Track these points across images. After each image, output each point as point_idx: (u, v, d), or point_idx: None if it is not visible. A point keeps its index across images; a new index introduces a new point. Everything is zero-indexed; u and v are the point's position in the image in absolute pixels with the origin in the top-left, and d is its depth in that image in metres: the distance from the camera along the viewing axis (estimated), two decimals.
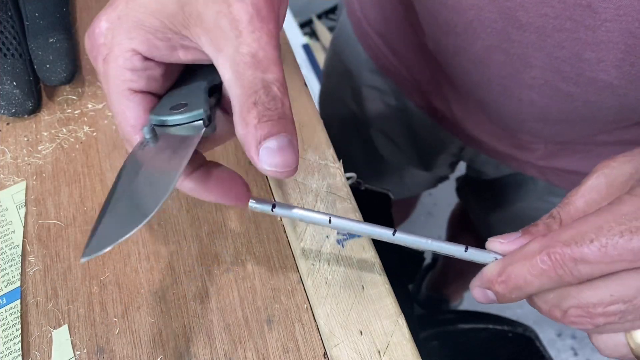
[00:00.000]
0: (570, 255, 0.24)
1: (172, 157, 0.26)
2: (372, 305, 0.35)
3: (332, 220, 0.30)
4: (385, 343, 0.34)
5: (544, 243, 0.25)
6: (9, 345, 0.35)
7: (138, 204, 0.26)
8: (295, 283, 0.37)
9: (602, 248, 0.23)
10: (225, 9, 0.25)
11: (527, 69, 0.38)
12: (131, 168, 0.27)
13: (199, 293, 0.37)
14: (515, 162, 0.54)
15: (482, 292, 0.28)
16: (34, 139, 0.43)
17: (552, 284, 0.25)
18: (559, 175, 0.52)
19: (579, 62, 0.35)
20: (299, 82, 0.45)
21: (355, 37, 0.60)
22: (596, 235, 0.23)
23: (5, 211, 0.40)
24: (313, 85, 1.42)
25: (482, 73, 0.42)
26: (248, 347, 0.35)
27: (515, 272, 0.26)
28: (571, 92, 0.38)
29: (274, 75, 0.26)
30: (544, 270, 0.25)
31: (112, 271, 0.38)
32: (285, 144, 0.25)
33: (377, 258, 0.37)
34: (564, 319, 0.25)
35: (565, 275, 0.24)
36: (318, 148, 0.41)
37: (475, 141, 0.55)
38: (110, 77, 0.28)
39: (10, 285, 0.37)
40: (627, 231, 0.23)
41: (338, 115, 0.73)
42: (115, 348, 0.35)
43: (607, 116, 0.40)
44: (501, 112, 0.46)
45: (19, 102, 0.42)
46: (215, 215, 0.40)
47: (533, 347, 0.84)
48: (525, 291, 0.26)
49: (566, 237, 0.24)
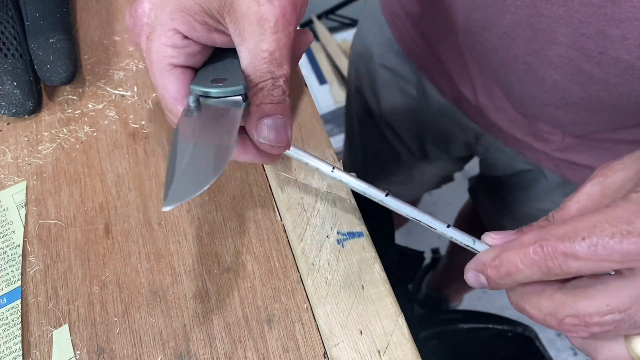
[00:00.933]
0: (562, 249, 0.25)
1: (222, 127, 0.30)
2: (372, 305, 0.35)
3: (335, 170, 0.34)
4: (385, 343, 0.34)
5: (539, 235, 0.26)
6: (10, 345, 0.35)
7: (200, 169, 0.29)
8: (295, 283, 0.37)
9: (593, 247, 0.24)
10: (256, 7, 0.29)
11: (553, 45, 0.39)
12: (185, 134, 0.30)
13: (199, 293, 0.37)
14: (532, 152, 0.54)
15: (475, 276, 0.29)
16: (34, 139, 0.43)
17: (541, 275, 0.26)
18: (573, 170, 0.52)
19: (603, 40, 0.36)
20: (299, 82, 0.45)
21: (382, 17, 0.62)
22: (588, 234, 0.24)
23: (5, 211, 0.40)
24: (313, 85, 1.42)
25: (508, 49, 0.43)
26: (248, 346, 0.35)
27: (508, 258, 0.27)
28: (593, 73, 0.39)
29: (283, 71, 0.30)
30: (535, 261, 0.25)
31: (112, 271, 0.38)
32: (281, 124, 0.30)
33: (377, 258, 0.37)
34: (560, 326, 0.26)
35: (555, 268, 0.25)
36: (318, 148, 0.41)
37: (494, 127, 0.55)
38: (153, 53, 0.31)
39: (10, 285, 0.37)
40: (618, 233, 0.24)
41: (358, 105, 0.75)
42: (116, 348, 0.35)
43: (627, 106, 0.40)
44: (524, 95, 0.47)
45: (20, 102, 0.42)
46: (216, 215, 0.40)
47: (533, 346, 0.85)
48: (515, 278, 0.27)
49: (560, 232, 0.25)
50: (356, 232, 0.38)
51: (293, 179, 0.40)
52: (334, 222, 0.38)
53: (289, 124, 0.31)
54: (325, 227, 0.38)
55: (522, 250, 0.26)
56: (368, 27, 0.68)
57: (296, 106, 0.44)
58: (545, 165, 0.55)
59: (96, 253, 0.38)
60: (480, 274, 0.29)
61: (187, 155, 0.29)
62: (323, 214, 0.38)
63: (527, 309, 0.28)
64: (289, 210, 0.39)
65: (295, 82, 0.45)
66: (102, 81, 0.46)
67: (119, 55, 0.48)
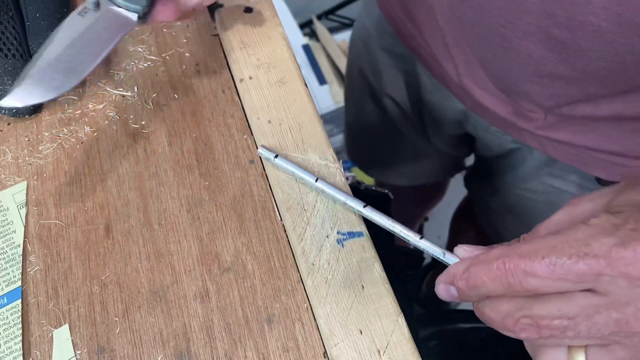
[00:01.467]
0: (522, 267, 0.26)
1: (107, 33, 0.35)
2: (371, 305, 0.35)
3: (319, 181, 0.38)
4: (385, 342, 0.34)
5: (504, 252, 0.27)
6: (10, 344, 0.35)
7: (65, 69, 0.33)
8: (295, 283, 0.37)
9: (551, 265, 0.25)
10: None
11: (524, 14, 0.40)
12: (66, 31, 0.34)
13: (200, 292, 0.37)
14: (517, 131, 0.56)
15: (446, 288, 0.30)
16: (34, 139, 0.43)
17: (502, 290, 0.27)
18: (556, 148, 0.54)
19: (571, 5, 0.37)
20: (299, 82, 0.45)
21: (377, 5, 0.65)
22: (548, 253, 0.26)
23: (6, 211, 0.40)
24: (313, 85, 1.42)
25: (483, 23, 0.44)
26: (248, 346, 0.35)
27: (475, 271, 0.28)
28: (564, 38, 0.40)
29: None
30: (497, 276, 0.27)
31: (112, 271, 0.38)
32: None
33: (377, 258, 0.37)
34: (515, 326, 0.27)
35: (515, 285, 0.26)
36: (318, 148, 0.42)
37: (479, 107, 0.57)
38: None
39: (11, 285, 0.37)
40: (575, 255, 0.25)
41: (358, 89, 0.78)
42: (116, 347, 0.35)
43: (599, 72, 0.41)
44: (501, 69, 0.48)
45: None
46: (216, 215, 0.40)
47: None
48: (481, 292, 0.28)
49: (523, 250, 0.27)
50: (356, 232, 0.38)
51: (293, 179, 0.40)
52: (334, 222, 0.38)
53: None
54: (325, 227, 0.38)
55: (487, 265, 0.28)
56: (367, 10, 0.71)
57: None
58: (529, 144, 0.56)
59: (96, 253, 0.38)
60: (451, 286, 0.30)
61: (57, 52, 0.32)
62: (323, 214, 0.39)
63: (487, 312, 0.29)
64: (289, 210, 0.39)
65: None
66: (103, 81, 0.46)
67: (119, 55, 0.48)
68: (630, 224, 0.25)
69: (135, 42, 0.48)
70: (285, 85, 0.45)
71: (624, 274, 0.25)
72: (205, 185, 0.41)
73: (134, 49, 0.48)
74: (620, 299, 0.25)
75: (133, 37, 0.49)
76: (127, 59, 0.47)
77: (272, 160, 0.40)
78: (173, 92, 0.46)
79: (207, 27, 0.49)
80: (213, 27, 0.49)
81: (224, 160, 0.42)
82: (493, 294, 0.28)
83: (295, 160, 0.41)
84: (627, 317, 0.25)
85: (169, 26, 0.49)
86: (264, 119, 0.43)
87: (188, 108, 0.45)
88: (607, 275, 0.25)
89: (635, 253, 0.24)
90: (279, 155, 0.40)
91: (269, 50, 0.46)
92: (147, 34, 0.49)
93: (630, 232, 0.25)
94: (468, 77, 0.54)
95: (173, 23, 0.49)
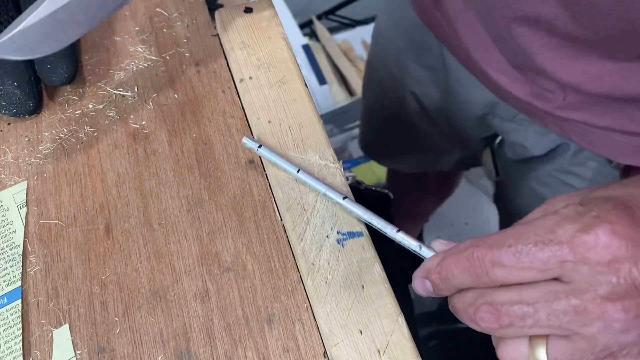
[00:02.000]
0: (490, 257, 0.26)
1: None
2: (371, 305, 0.35)
3: (300, 172, 0.38)
4: (385, 342, 0.34)
5: (474, 242, 0.27)
6: (10, 344, 0.35)
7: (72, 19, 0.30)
8: (295, 282, 0.37)
9: (517, 253, 0.25)
10: None
11: None
12: None
13: (200, 292, 0.37)
14: (537, 113, 0.55)
15: (422, 282, 0.30)
16: (35, 139, 0.43)
17: (471, 281, 0.27)
18: (578, 133, 0.53)
19: None
20: (299, 82, 0.45)
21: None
22: (514, 242, 0.26)
23: (6, 211, 0.40)
24: (313, 85, 1.42)
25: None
26: (248, 346, 0.35)
27: (447, 263, 0.28)
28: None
29: None
30: (466, 267, 0.27)
31: (112, 270, 0.38)
32: None
33: (377, 258, 0.37)
34: (476, 314, 0.27)
35: (482, 275, 0.26)
36: (318, 148, 0.42)
37: (501, 90, 0.56)
38: None
39: (11, 285, 0.37)
40: (541, 242, 0.25)
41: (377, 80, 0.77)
42: (116, 347, 0.35)
43: (612, 31, 0.40)
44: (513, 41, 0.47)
45: (20, 102, 0.42)
46: (216, 215, 0.40)
47: None
48: (452, 284, 0.28)
49: (491, 240, 0.27)
50: (356, 232, 0.38)
51: (293, 179, 0.40)
52: (334, 222, 0.38)
53: None
54: (325, 227, 0.38)
55: (457, 255, 0.27)
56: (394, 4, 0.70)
57: None
58: (552, 129, 0.55)
59: (96, 253, 0.38)
60: (426, 280, 0.30)
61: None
62: (323, 214, 0.39)
63: (454, 303, 0.29)
64: (289, 210, 0.39)
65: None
66: (103, 81, 0.46)
67: (120, 55, 0.48)
68: (594, 211, 0.25)
69: (135, 42, 0.48)
70: (285, 85, 0.45)
71: (586, 259, 0.24)
72: (205, 185, 0.41)
73: (134, 49, 0.48)
74: (580, 286, 0.25)
75: (133, 37, 0.49)
76: (127, 59, 0.47)
77: (256, 150, 0.40)
78: (173, 92, 0.46)
79: (207, 27, 0.49)
80: (213, 27, 0.49)
81: (224, 160, 0.42)
82: (463, 286, 0.28)
83: (294, 159, 0.41)
84: (585, 304, 0.25)
85: (169, 26, 0.49)
86: (264, 119, 0.43)
87: (188, 108, 0.45)
88: (570, 262, 0.25)
89: (597, 237, 0.24)
90: (262, 145, 0.40)
91: (269, 51, 0.46)
92: (147, 34, 0.49)
93: (593, 218, 0.25)
94: (482, 60, 0.54)
95: (173, 23, 0.49)
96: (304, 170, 0.39)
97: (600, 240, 0.24)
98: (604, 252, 0.24)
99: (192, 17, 0.50)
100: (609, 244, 0.24)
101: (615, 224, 0.24)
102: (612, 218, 0.25)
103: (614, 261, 0.24)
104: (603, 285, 0.24)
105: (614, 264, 0.24)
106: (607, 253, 0.24)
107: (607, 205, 0.25)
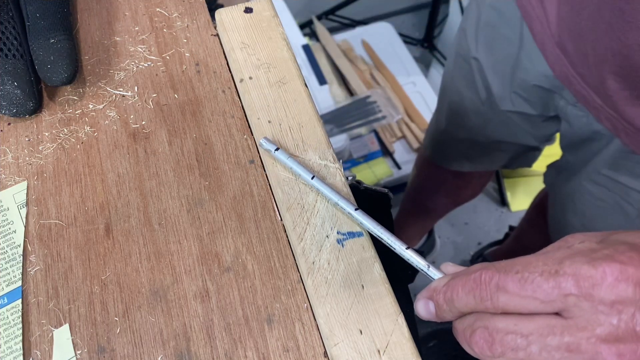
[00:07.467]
0: (496, 280, 0.26)
1: None
2: (371, 305, 0.35)
3: (315, 179, 0.38)
4: (385, 342, 0.34)
5: (484, 265, 0.27)
6: (10, 344, 0.35)
7: None
8: (295, 282, 0.37)
9: (522, 280, 0.25)
10: None
11: None
12: None
13: (200, 292, 0.37)
14: (591, 105, 0.54)
15: (425, 304, 0.30)
16: (35, 139, 0.43)
17: (474, 304, 0.27)
18: (629, 133, 0.52)
19: None
20: (299, 82, 0.45)
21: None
22: (522, 269, 0.25)
23: (6, 211, 0.40)
24: (313, 85, 1.42)
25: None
26: (248, 346, 0.35)
27: (454, 284, 0.28)
28: None
29: None
30: (472, 288, 0.27)
31: (113, 270, 0.38)
32: None
33: (377, 258, 0.37)
34: (471, 338, 0.27)
35: (486, 299, 0.26)
36: (318, 148, 0.42)
37: (567, 80, 0.56)
38: None
39: (11, 285, 0.37)
40: (547, 272, 0.25)
41: (460, 77, 0.76)
42: (116, 347, 0.35)
43: None
44: (594, 40, 0.47)
45: (20, 103, 0.42)
46: (216, 215, 0.40)
47: None
48: (456, 305, 0.28)
49: (501, 264, 0.26)
50: (356, 232, 0.38)
51: (293, 179, 0.40)
52: (334, 222, 0.38)
53: None
54: (325, 227, 0.38)
55: (465, 277, 0.27)
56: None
57: None
58: (604, 124, 0.55)
59: (97, 253, 0.38)
60: (430, 301, 0.29)
61: None
62: (323, 214, 0.39)
63: (456, 324, 0.28)
64: (289, 210, 0.39)
65: None
66: (103, 81, 0.46)
67: (120, 55, 0.48)
68: (608, 250, 0.25)
69: (135, 42, 0.48)
70: (285, 85, 0.45)
71: (589, 295, 0.24)
72: (205, 185, 0.41)
73: (134, 49, 0.48)
74: (579, 323, 0.24)
75: (133, 37, 0.49)
76: (127, 59, 0.47)
77: (272, 152, 0.40)
78: (173, 92, 0.46)
79: (207, 27, 0.49)
80: (213, 27, 0.49)
81: (224, 160, 0.42)
82: (466, 309, 0.27)
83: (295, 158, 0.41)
84: (579, 342, 0.24)
85: (169, 26, 0.49)
86: (264, 119, 0.43)
87: (188, 108, 0.45)
88: (573, 296, 0.24)
89: (604, 274, 0.24)
90: (279, 148, 0.40)
91: (269, 51, 0.46)
92: (147, 34, 0.49)
93: (604, 256, 0.24)
94: (560, 42, 0.53)
95: (173, 23, 0.49)
96: (319, 178, 0.39)
97: (607, 278, 0.24)
98: (608, 291, 0.24)
99: (192, 17, 0.50)
100: (615, 283, 0.24)
101: (626, 265, 0.24)
102: (624, 259, 0.24)
103: (618, 302, 0.24)
104: (602, 325, 0.24)
105: (618, 306, 0.24)
106: (612, 292, 0.24)
107: (622, 247, 0.25)
